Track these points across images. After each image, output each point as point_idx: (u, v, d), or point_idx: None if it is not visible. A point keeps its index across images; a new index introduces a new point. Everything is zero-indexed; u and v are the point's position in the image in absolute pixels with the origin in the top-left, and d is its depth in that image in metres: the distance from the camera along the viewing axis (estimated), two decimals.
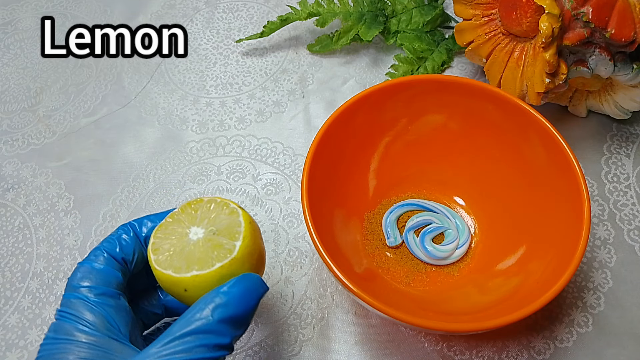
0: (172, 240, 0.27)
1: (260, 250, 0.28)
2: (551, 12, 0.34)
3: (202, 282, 0.25)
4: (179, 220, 0.28)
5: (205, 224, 0.27)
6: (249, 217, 0.28)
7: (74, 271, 0.27)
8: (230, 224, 0.27)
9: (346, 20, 0.48)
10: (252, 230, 0.27)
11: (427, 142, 0.39)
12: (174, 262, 0.26)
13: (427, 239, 0.37)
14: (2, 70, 0.52)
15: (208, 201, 0.28)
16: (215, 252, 0.26)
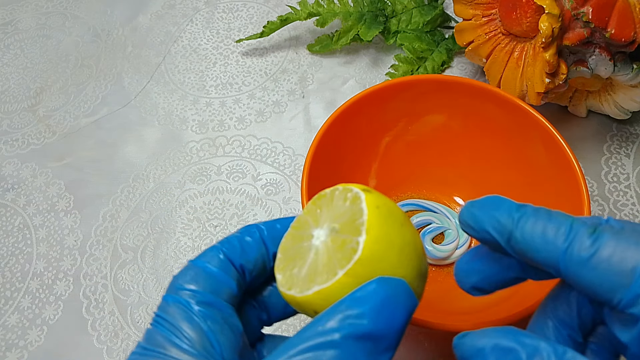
0: (297, 250, 0.21)
1: (402, 243, 0.20)
2: (551, 12, 0.34)
3: (329, 298, 0.19)
4: (304, 223, 0.22)
5: (327, 222, 0.21)
6: (378, 200, 0.20)
7: (183, 269, 0.22)
8: (352, 215, 0.20)
9: (346, 20, 0.48)
10: (382, 217, 0.20)
11: (427, 142, 0.39)
12: (297, 279, 0.20)
13: (427, 239, 0.37)
14: (2, 70, 0.52)
15: (331, 192, 0.22)
16: (338, 256, 0.19)
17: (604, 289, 0.17)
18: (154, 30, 0.54)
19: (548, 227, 0.18)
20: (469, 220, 0.20)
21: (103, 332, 0.37)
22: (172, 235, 0.40)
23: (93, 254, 0.40)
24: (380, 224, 0.19)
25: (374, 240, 0.19)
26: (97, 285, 0.39)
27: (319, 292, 0.19)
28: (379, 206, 0.20)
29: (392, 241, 0.19)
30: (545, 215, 0.18)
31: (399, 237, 0.20)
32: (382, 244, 0.19)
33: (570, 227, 0.18)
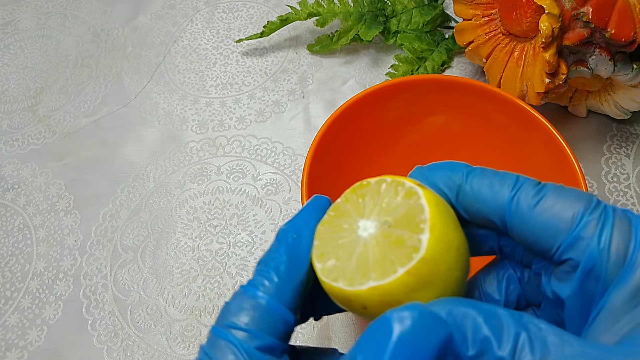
0: (339, 240, 0.20)
1: (458, 244, 0.19)
2: (551, 12, 0.34)
3: (384, 296, 0.18)
4: (345, 212, 0.21)
5: (376, 214, 0.20)
6: (435, 198, 0.20)
7: (234, 295, 0.19)
8: (409, 210, 0.19)
9: (346, 20, 0.48)
10: (442, 215, 0.19)
11: (427, 142, 0.39)
12: (344, 271, 0.19)
13: None
14: (2, 70, 0.52)
15: (376, 183, 0.21)
16: (396, 252, 0.19)
17: (546, 236, 0.18)
18: (154, 30, 0.54)
19: (495, 179, 0.19)
20: (419, 179, 0.21)
21: (103, 332, 0.37)
22: (172, 235, 0.40)
23: (93, 254, 0.40)
24: (441, 223, 0.19)
25: (437, 239, 0.19)
26: (97, 285, 0.39)
27: (374, 288, 0.18)
28: (437, 204, 0.19)
29: (451, 241, 0.19)
30: (492, 171, 0.20)
31: (456, 237, 0.19)
32: (443, 243, 0.19)
33: (517, 179, 0.19)
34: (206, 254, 0.39)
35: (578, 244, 0.17)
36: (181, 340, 0.36)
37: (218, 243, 0.40)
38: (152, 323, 0.37)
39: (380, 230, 0.19)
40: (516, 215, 0.18)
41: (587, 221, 0.17)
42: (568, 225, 0.18)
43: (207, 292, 0.38)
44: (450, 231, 0.19)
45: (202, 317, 0.37)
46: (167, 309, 0.37)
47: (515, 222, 0.19)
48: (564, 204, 0.18)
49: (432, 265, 0.18)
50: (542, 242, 0.18)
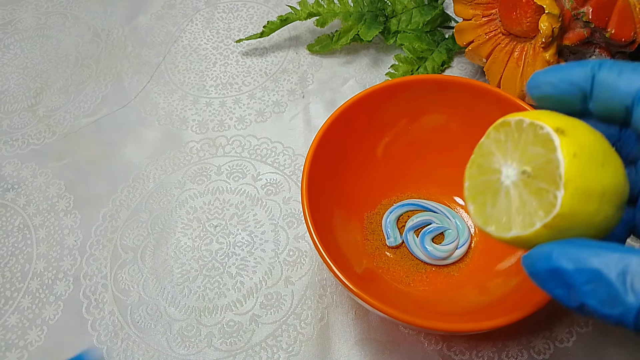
0: (487, 184, 0.21)
1: (602, 190, 0.19)
2: (551, 12, 0.34)
3: (524, 245, 0.20)
4: (488, 153, 0.21)
5: (517, 160, 0.20)
6: (575, 145, 0.19)
7: None
8: (546, 161, 0.19)
9: (346, 20, 0.48)
10: (580, 166, 0.19)
11: (427, 142, 0.39)
12: (491, 217, 0.20)
13: (427, 239, 0.37)
14: (2, 70, 0.52)
15: (516, 123, 0.21)
16: (535, 204, 0.19)
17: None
18: (154, 30, 0.54)
19: (626, 67, 0.20)
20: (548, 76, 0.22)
21: (103, 332, 0.37)
22: (172, 235, 0.40)
23: (93, 254, 0.40)
24: (578, 176, 0.19)
25: (572, 195, 0.19)
26: (97, 285, 0.39)
27: (516, 237, 0.20)
28: (576, 154, 0.19)
29: (592, 192, 0.19)
30: (623, 62, 0.21)
31: (599, 184, 0.19)
32: (582, 197, 0.19)
33: None
34: (206, 254, 0.39)
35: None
36: (181, 340, 0.36)
37: (218, 243, 0.40)
38: (152, 323, 0.37)
39: (521, 179, 0.20)
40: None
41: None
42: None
43: (207, 292, 0.38)
44: (590, 180, 0.19)
45: (202, 317, 0.37)
46: (167, 309, 0.37)
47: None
48: None
49: (570, 218, 0.19)
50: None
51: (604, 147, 0.20)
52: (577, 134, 0.20)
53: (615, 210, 0.20)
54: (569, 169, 0.19)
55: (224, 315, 0.37)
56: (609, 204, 0.19)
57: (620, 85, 0.20)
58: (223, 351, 0.35)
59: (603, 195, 0.19)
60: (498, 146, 0.21)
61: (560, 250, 0.19)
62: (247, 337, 0.36)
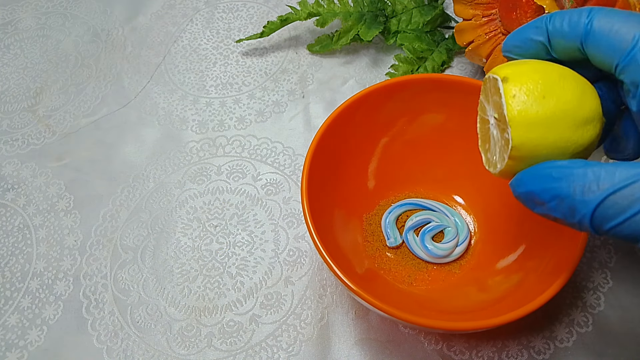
0: (485, 132, 0.26)
1: (548, 114, 0.22)
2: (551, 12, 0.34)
3: (507, 176, 0.25)
4: (482, 106, 0.26)
5: (492, 108, 0.24)
6: (514, 87, 0.23)
7: None
8: (500, 105, 0.23)
9: (346, 20, 0.48)
10: (521, 103, 0.22)
11: (426, 142, 0.39)
12: (491, 158, 0.26)
13: (427, 238, 0.37)
14: (2, 70, 0.52)
15: (487, 79, 0.25)
16: (502, 142, 0.23)
17: (607, 55, 0.22)
18: (154, 30, 0.54)
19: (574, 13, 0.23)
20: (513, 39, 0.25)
21: (103, 332, 0.37)
22: (172, 235, 0.40)
23: (93, 254, 0.40)
24: (518, 112, 0.22)
25: (517, 128, 0.22)
26: (97, 285, 0.39)
27: (500, 172, 0.24)
28: (515, 95, 0.23)
29: (534, 121, 0.22)
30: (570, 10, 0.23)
31: (541, 114, 0.22)
32: (527, 128, 0.22)
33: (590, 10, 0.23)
34: (206, 254, 0.39)
35: (633, 65, 0.21)
36: (181, 340, 0.36)
37: (218, 243, 0.40)
38: (152, 323, 0.37)
39: (495, 125, 0.24)
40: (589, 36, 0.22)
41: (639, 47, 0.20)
42: (627, 45, 0.21)
43: (207, 292, 0.38)
44: (531, 113, 0.22)
45: (202, 317, 0.37)
46: (167, 309, 0.37)
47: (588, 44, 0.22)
48: (625, 27, 0.21)
49: (527, 147, 0.22)
50: (605, 61, 0.22)
51: (548, 81, 0.23)
52: (520, 77, 0.23)
53: (576, 129, 0.22)
54: (509, 108, 0.22)
55: (224, 315, 0.37)
56: (561, 127, 0.22)
57: (568, 30, 0.23)
58: (223, 351, 0.35)
59: (548, 121, 0.22)
60: (485, 99, 0.25)
61: (529, 175, 0.22)
62: (247, 337, 0.36)
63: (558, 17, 0.23)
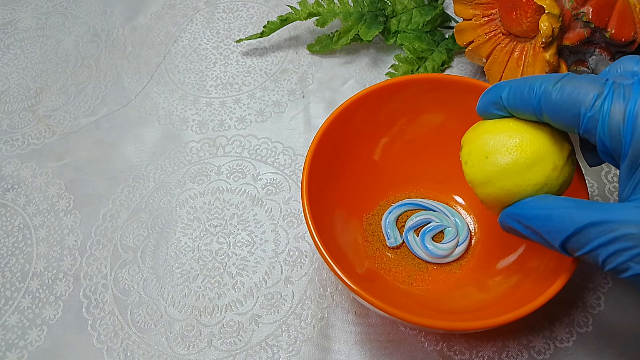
0: None
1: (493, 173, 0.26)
2: (551, 12, 0.34)
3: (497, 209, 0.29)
4: None
5: None
6: (464, 153, 0.28)
7: None
8: None
9: (346, 20, 0.48)
10: (470, 166, 0.27)
11: (426, 142, 0.39)
12: None
13: (427, 238, 0.37)
14: (2, 70, 0.52)
15: None
16: None
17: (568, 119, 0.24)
18: (154, 30, 0.54)
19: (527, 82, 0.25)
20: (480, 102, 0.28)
21: (103, 332, 0.37)
22: (172, 235, 0.40)
23: (93, 254, 0.40)
24: (470, 176, 0.27)
25: (475, 188, 0.27)
26: (97, 285, 0.39)
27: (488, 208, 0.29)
28: (465, 161, 0.28)
29: (485, 180, 0.26)
30: (523, 79, 0.26)
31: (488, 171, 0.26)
32: (481, 184, 0.27)
33: (542, 78, 0.25)
34: (206, 254, 0.39)
35: (590, 131, 0.23)
36: (181, 340, 0.36)
37: (218, 243, 0.40)
38: (152, 323, 0.37)
39: None
40: (543, 114, 0.25)
41: (588, 117, 0.22)
42: (578, 121, 0.23)
43: (207, 292, 0.38)
44: (478, 173, 0.27)
45: (202, 317, 0.37)
46: (167, 309, 0.37)
47: (544, 119, 0.25)
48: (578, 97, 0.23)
49: (490, 200, 0.27)
50: (566, 129, 0.25)
51: (494, 141, 0.26)
52: (470, 142, 0.27)
53: (523, 174, 0.25)
54: (465, 173, 0.27)
55: (224, 315, 0.37)
56: (508, 177, 0.25)
57: (522, 108, 0.25)
58: (223, 351, 0.35)
59: (494, 177, 0.26)
60: None
61: (507, 213, 0.26)
62: (247, 337, 0.36)
63: (511, 96, 0.25)
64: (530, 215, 0.25)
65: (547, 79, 0.24)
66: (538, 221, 0.24)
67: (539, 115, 0.25)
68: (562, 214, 0.23)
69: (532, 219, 0.24)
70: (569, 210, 0.23)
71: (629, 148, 0.21)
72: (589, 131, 0.23)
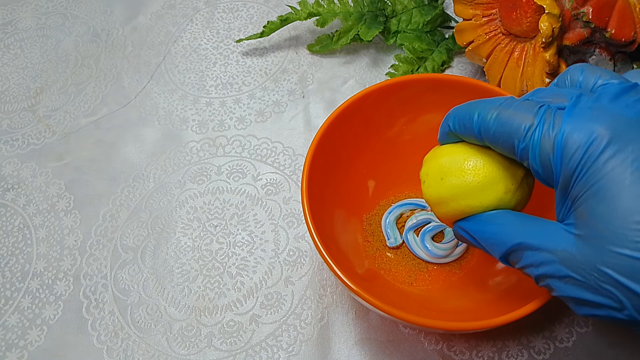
0: None
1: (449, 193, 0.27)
2: (551, 12, 0.34)
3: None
4: None
5: None
6: (423, 174, 0.29)
7: None
8: None
9: (346, 20, 0.48)
10: (427, 186, 0.29)
11: (425, 141, 0.38)
12: None
13: (427, 238, 0.37)
14: (2, 70, 0.52)
15: None
16: None
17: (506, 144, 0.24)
18: (154, 30, 0.54)
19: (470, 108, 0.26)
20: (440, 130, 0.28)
21: (103, 332, 0.37)
22: (172, 235, 0.40)
23: (93, 254, 0.40)
24: (427, 195, 0.29)
25: (432, 206, 0.29)
26: (97, 285, 0.39)
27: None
28: (423, 180, 0.29)
29: (440, 200, 0.28)
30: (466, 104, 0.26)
31: (442, 191, 0.27)
32: (437, 205, 0.28)
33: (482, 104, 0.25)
34: (206, 254, 0.39)
35: (525, 160, 0.23)
36: (181, 340, 0.36)
37: (218, 243, 0.40)
38: (152, 323, 0.37)
39: None
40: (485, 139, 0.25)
41: (521, 148, 0.23)
42: (513, 148, 0.23)
43: (207, 292, 0.38)
44: (434, 192, 0.28)
45: (202, 317, 0.37)
46: (167, 309, 0.37)
47: (486, 143, 0.25)
48: (513, 122, 0.23)
49: (446, 217, 0.28)
50: (505, 153, 0.25)
51: (450, 164, 0.27)
52: (429, 163, 0.29)
53: (475, 196, 0.26)
54: (423, 192, 0.29)
55: (224, 315, 0.37)
56: (462, 198, 0.27)
57: (467, 135, 0.26)
58: (223, 351, 0.35)
59: (449, 198, 0.27)
60: None
61: (458, 225, 0.28)
62: (247, 337, 0.36)
63: (456, 124, 0.26)
64: (476, 230, 0.26)
65: (485, 107, 0.25)
66: (482, 235, 0.26)
67: (482, 142, 0.25)
68: (503, 231, 0.25)
69: (478, 232, 0.26)
70: (509, 227, 0.24)
71: (559, 177, 0.22)
72: (524, 160, 0.23)
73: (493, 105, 0.24)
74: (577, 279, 0.21)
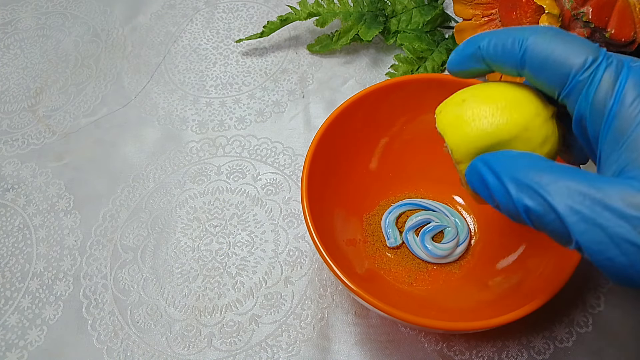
0: None
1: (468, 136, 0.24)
2: (551, 12, 0.34)
3: None
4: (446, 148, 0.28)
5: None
6: (438, 120, 0.26)
7: None
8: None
9: (346, 20, 0.48)
10: (443, 128, 0.25)
11: (425, 141, 0.39)
12: None
13: (427, 238, 0.37)
14: (2, 70, 0.52)
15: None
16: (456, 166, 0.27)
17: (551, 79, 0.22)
18: (154, 30, 0.54)
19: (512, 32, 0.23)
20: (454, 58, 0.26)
21: (103, 332, 0.37)
22: (172, 235, 0.40)
23: (93, 254, 0.40)
24: (445, 133, 0.25)
25: (449, 143, 0.25)
26: (97, 285, 0.39)
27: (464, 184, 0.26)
28: (440, 111, 0.26)
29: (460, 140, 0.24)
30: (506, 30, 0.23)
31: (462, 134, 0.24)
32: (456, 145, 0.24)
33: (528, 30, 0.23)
34: (206, 254, 0.39)
35: (572, 95, 0.21)
36: (181, 340, 0.36)
37: (218, 243, 0.40)
38: (152, 323, 0.37)
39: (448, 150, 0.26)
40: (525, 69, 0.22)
41: (578, 80, 0.21)
42: (565, 80, 0.21)
43: (207, 292, 0.38)
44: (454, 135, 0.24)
45: (202, 317, 0.37)
46: (167, 309, 0.37)
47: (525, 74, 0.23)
48: (561, 57, 0.21)
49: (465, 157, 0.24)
50: (545, 89, 0.22)
51: (470, 92, 0.25)
52: (445, 108, 0.26)
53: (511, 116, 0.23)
54: (437, 123, 0.26)
55: (224, 315, 0.37)
56: (486, 139, 0.23)
57: (502, 61, 0.23)
58: (223, 351, 0.35)
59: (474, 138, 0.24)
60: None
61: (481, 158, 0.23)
62: (247, 337, 0.36)
63: (492, 46, 0.23)
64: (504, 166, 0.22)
65: (534, 30, 0.22)
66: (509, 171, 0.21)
67: (520, 69, 0.23)
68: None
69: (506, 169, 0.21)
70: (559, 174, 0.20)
71: (612, 120, 0.20)
72: (571, 96, 0.21)
73: (542, 31, 0.22)
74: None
